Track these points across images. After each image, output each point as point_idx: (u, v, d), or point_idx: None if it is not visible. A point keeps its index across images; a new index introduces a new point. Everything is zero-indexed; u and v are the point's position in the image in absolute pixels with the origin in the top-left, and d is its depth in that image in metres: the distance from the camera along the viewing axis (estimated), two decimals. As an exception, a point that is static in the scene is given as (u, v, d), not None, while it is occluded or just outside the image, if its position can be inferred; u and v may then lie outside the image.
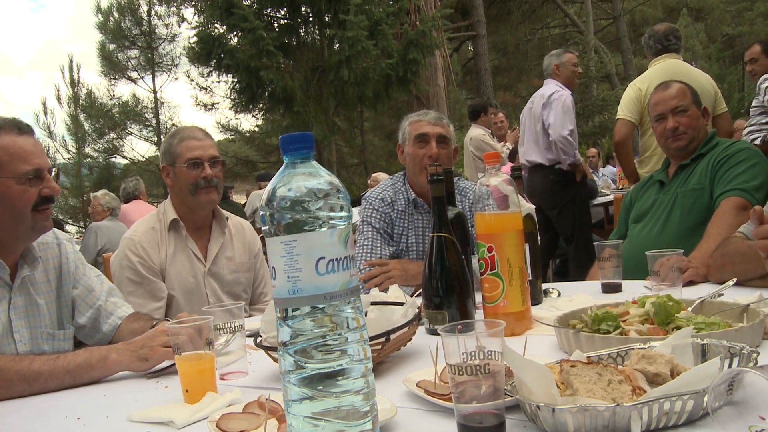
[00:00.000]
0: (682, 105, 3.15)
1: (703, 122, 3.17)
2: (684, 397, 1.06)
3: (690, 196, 2.98)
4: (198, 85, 19.87)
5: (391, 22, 12.09)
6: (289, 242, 0.97)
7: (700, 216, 2.92)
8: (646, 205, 3.21)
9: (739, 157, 2.91)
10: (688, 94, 3.19)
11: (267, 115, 15.91)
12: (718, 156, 2.98)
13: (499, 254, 1.83)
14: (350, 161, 20.98)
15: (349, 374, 0.97)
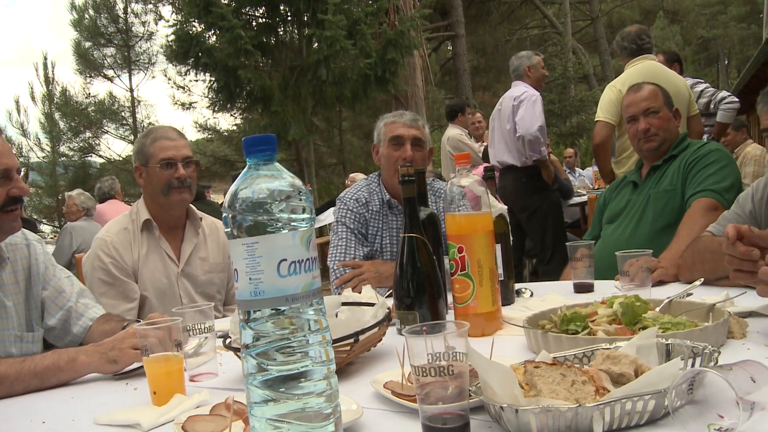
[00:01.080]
0: (654, 107, 3.18)
1: (674, 124, 3.20)
2: (645, 397, 1.07)
3: (662, 197, 3.01)
4: (175, 83, 19.73)
5: (370, 22, 12.09)
6: (251, 244, 0.97)
7: (672, 217, 2.95)
8: (619, 206, 3.23)
9: (709, 159, 2.94)
10: (659, 95, 3.21)
11: (245, 114, 15.86)
12: (690, 157, 3.00)
13: (469, 255, 1.84)
14: (329, 161, 20.95)
15: (311, 376, 0.97)
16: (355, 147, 20.97)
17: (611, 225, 3.21)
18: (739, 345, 1.57)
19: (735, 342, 1.60)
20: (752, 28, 35.32)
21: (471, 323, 1.84)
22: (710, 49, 42.55)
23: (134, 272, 2.90)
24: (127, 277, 2.88)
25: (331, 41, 11.20)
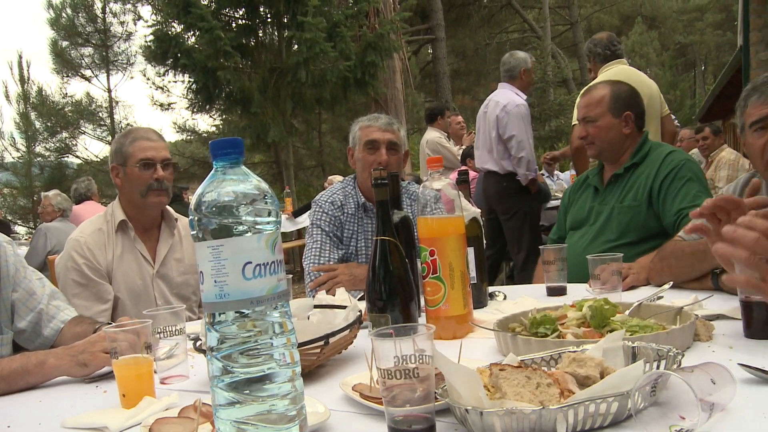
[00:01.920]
0: (590, 116, 3.13)
1: (618, 132, 3.10)
2: (609, 399, 1.08)
3: (627, 213, 2.96)
4: (154, 84, 19.63)
5: (350, 25, 12.10)
6: (216, 247, 0.97)
7: (635, 234, 2.92)
8: (582, 213, 3.19)
9: (685, 174, 2.88)
10: (605, 102, 3.13)
11: (224, 115, 15.80)
12: (660, 171, 2.93)
13: (440, 258, 1.85)
14: (308, 163, 20.93)
15: (276, 378, 0.98)
16: (334, 149, 20.95)
17: (576, 232, 3.20)
18: (705, 347, 1.60)
19: (701, 344, 1.62)
20: (728, 35, 35.79)
21: (442, 326, 1.88)
22: (687, 55, 43.03)
23: (108, 273, 2.88)
24: (100, 278, 2.86)
25: (311, 43, 11.21)
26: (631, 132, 3.11)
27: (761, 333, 1.62)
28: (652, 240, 2.86)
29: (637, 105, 3.16)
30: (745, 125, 2.27)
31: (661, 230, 2.91)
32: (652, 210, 2.93)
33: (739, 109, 2.31)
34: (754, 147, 2.24)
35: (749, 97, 2.24)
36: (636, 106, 3.14)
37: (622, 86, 3.21)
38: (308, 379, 1.62)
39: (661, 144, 3.18)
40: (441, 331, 1.89)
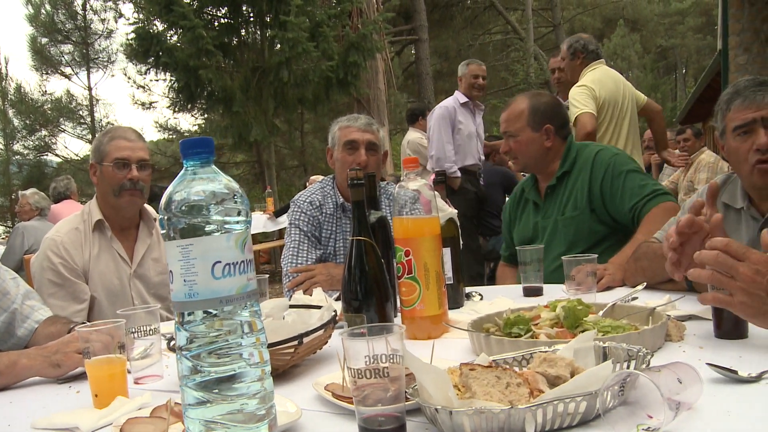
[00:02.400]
0: (510, 131, 3.10)
1: (539, 146, 3.07)
2: (577, 399, 1.09)
3: (570, 224, 2.94)
4: (135, 83, 19.52)
5: (333, 25, 12.10)
6: (186, 246, 0.97)
7: (586, 241, 2.91)
8: (528, 231, 3.15)
9: (619, 168, 2.88)
10: (524, 116, 3.08)
11: (206, 114, 15.74)
12: (595, 173, 2.91)
13: (416, 258, 1.86)
14: (290, 163, 20.89)
15: (244, 378, 0.98)
16: (316, 149, 20.93)
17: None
18: (676, 347, 1.62)
19: (672, 344, 1.64)
20: (708, 39, 36.11)
21: (417, 326, 1.89)
22: (669, 58, 43.38)
23: (85, 273, 2.86)
24: (77, 277, 2.84)
25: (293, 43, 11.20)
26: (554, 144, 3.06)
27: (731, 333, 1.64)
28: (603, 243, 2.88)
29: (557, 116, 3.10)
30: (726, 129, 2.29)
31: (611, 232, 2.91)
32: (596, 215, 2.91)
33: (720, 113, 2.33)
34: (737, 152, 2.25)
35: (732, 101, 2.25)
36: (556, 118, 3.09)
37: (541, 98, 3.16)
38: (282, 378, 1.63)
39: (586, 145, 3.13)
40: (416, 331, 1.90)
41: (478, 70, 6.53)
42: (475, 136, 6.54)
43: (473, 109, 6.61)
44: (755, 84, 2.22)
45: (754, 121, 2.19)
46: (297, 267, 2.89)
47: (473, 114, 6.58)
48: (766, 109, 2.18)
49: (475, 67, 6.53)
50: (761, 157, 2.18)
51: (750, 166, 2.22)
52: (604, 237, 2.92)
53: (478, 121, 6.65)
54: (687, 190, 7.85)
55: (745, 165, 2.24)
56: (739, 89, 2.25)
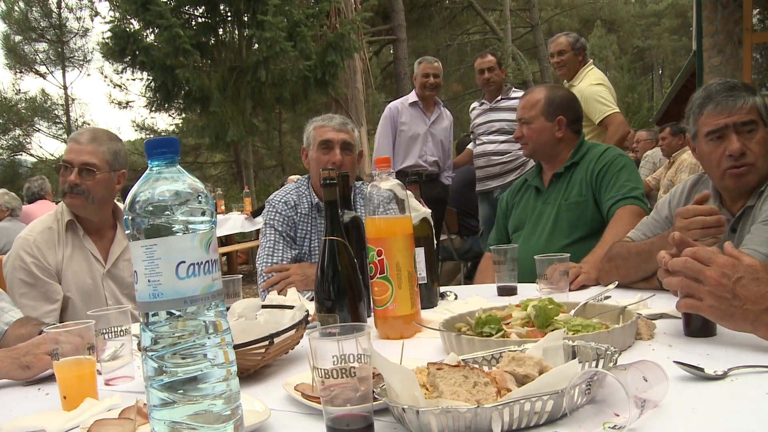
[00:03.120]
0: (525, 117, 3.22)
1: (550, 135, 3.19)
2: (544, 398, 1.10)
3: (574, 209, 3.04)
4: (112, 82, 19.34)
5: (311, 24, 12.07)
6: (150, 246, 0.96)
7: (587, 227, 3.01)
8: (525, 214, 3.25)
9: (618, 164, 3.01)
10: (539, 105, 3.21)
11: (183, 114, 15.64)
12: (596, 165, 3.05)
13: (388, 258, 1.86)
14: (268, 163, 20.80)
15: (209, 378, 0.97)
16: (294, 149, 20.86)
17: (520, 233, 3.23)
18: (646, 346, 1.63)
19: (642, 343, 1.66)
20: (683, 41, 36.50)
21: (390, 326, 1.89)
22: (645, 59, 43.76)
23: (58, 273, 2.83)
24: (49, 277, 2.81)
25: (271, 42, 11.16)
26: (564, 136, 3.18)
27: (699, 332, 1.66)
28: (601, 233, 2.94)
29: (571, 110, 3.22)
30: (698, 133, 2.33)
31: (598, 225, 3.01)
32: (597, 206, 3.03)
33: (692, 116, 2.36)
34: (709, 156, 2.30)
35: (704, 106, 2.29)
36: (570, 112, 3.21)
37: (558, 91, 3.29)
38: (253, 378, 1.62)
39: (598, 144, 3.27)
40: (388, 331, 1.90)
41: (429, 69, 6.22)
42: (423, 138, 6.22)
43: (423, 110, 6.28)
44: (726, 89, 2.25)
45: (726, 126, 2.23)
46: (272, 267, 2.88)
47: (424, 114, 6.26)
48: (737, 115, 2.22)
49: (426, 66, 6.24)
50: (734, 163, 2.23)
51: (722, 171, 2.27)
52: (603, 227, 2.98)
53: (434, 121, 6.31)
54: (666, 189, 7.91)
55: (717, 170, 2.29)
56: (710, 93, 2.28)
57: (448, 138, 6.46)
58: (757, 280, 1.46)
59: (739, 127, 2.22)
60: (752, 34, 10.65)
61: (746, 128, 2.22)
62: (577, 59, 5.57)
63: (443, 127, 6.37)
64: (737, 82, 2.30)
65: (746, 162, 2.22)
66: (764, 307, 1.43)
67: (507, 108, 5.86)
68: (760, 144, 2.22)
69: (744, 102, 2.22)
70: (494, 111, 5.97)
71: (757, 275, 1.46)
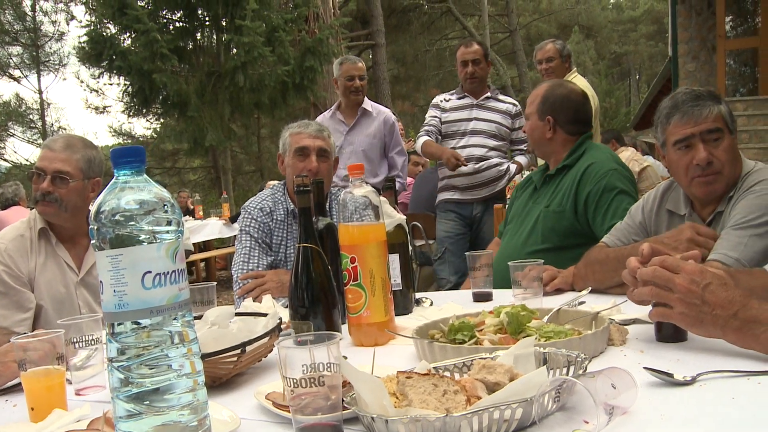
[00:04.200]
0: (525, 113, 3.27)
1: (541, 134, 3.15)
2: (513, 406, 1.10)
3: (551, 218, 2.98)
4: (88, 86, 19.20)
5: (289, 29, 12.09)
6: (115, 256, 0.95)
7: (559, 238, 2.95)
8: (518, 209, 3.23)
9: (612, 187, 2.90)
10: (536, 102, 3.17)
11: (161, 119, 15.56)
12: (586, 186, 2.93)
13: (361, 265, 1.85)
14: (247, 168, 20.72)
15: (175, 389, 0.97)
16: (273, 154, 20.78)
17: (509, 227, 3.22)
18: (618, 351, 1.64)
19: (614, 349, 1.67)
20: (659, 46, 36.87)
21: (364, 333, 1.89)
22: (622, 64, 44.20)
23: (30, 281, 2.79)
24: (22, 285, 2.77)
25: (249, 47, 11.16)
26: (555, 136, 3.11)
27: (671, 337, 1.67)
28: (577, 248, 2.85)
29: (565, 111, 3.11)
30: (667, 142, 2.36)
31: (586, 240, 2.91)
32: (576, 219, 2.95)
33: (660, 125, 2.39)
34: (677, 164, 2.33)
35: (671, 116, 2.32)
36: (561, 112, 3.11)
37: (558, 90, 3.19)
38: (225, 387, 1.61)
39: (596, 147, 3.16)
40: (362, 338, 1.90)
41: (354, 70, 5.31)
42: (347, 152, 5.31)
43: (342, 118, 5.41)
44: (693, 98, 2.29)
45: (693, 135, 2.27)
46: (247, 274, 2.86)
47: (342, 123, 5.39)
48: (704, 124, 2.26)
49: (350, 67, 5.31)
50: (701, 172, 2.27)
51: (690, 179, 2.31)
52: (579, 242, 2.91)
53: (353, 128, 5.39)
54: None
55: (686, 178, 2.33)
56: (677, 103, 2.31)
57: (379, 143, 5.43)
58: (725, 286, 1.48)
59: (706, 135, 2.26)
60: (725, 40, 10.81)
61: (712, 136, 2.26)
62: (564, 66, 5.62)
63: (368, 133, 5.37)
64: (702, 91, 2.34)
65: (713, 170, 2.26)
66: (732, 312, 1.45)
67: (496, 110, 5.22)
68: (726, 151, 2.27)
69: (709, 111, 2.26)
70: (481, 109, 5.21)
71: (725, 281, 1.49)
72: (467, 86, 5.27)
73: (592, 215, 2.91)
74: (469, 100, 5.25)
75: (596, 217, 2.90)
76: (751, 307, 1.45)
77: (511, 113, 5.23)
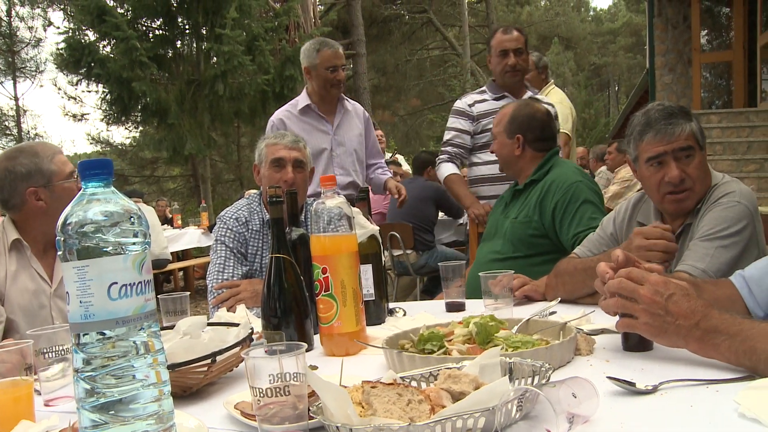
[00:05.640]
0: (493, 132, 3.38)
1: (510, 152, 3.26)
2: (476, 415, 1.12)
3: (519, 228, 3.10)
4: (66, 93, 19.03)
5: (269, 38, 12.10)
6: (82, 267, 0.97)
7: (525, 248, 3.08)
8: (491, 226, 3.36)
9: (578, 196, 3.00)
10: (504, 121, 3.30)
11: (140, 127, 15.48)
12: (553, 197, 3.03)
13: (332, 275, 1.87)
14: (226, 177, 20.62)
15: (141, 399, 0.98)
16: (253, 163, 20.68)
17: (484, 244, 3.32)
18: (584, 361, 1.66)
19: (581, 358, 1.69)
20: (638, 58, 37.30)
21: (335, 343, 1.90)
22: (602, 75, 44.63)
23: (0, 294, 2.77)
24: None
25: (229, 56, 11.15)
26: (523, 153, 3.24)
27: (637, 346, 1.70)
28: (543, 255, 3.01)
29: (533, 129, 3.24)
30: (639, 158, 2.40)
31: (552, 249, 3.04)
32: (544, 229, 3.06)
33: (632, 141, 2.43)
34: (649, 180, 2.38)
35: (644, 133, 2.36)
36: (531, 130, 3.23)
37: (524, 109, 3.32)
38: (196, 397, 1.62)
39: (562, 163, 3.26)
40: (334, 348, 1.91)
41: (336, 58, 4.30)
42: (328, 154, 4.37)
43: (322, 113, 4.38)
44: (665, 116, 2.33)
45: (666, 153, 2.31)
46: (222, 283, 2.86)
47: (323, 120, 4.39)
48: (677, 143, 2.30)
49: (331, 55, 4.27)
50: (673, 189, 2.32)
51: (662, 195, 2.36)
52: (545, 251, 3.04)
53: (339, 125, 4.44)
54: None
55: (657, 194, 2.38)
56: (650, 120, 2.35)
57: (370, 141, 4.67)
58: (688, 296, 1.51)
59: (678, 153, 2.30)
60: (701, 54, 10.96)
61: (684, 153, 2.31)
62: (540, 77, 5.67)
63: (357, 132, 4.53)
64: (675, 108, 2.38)
65: (685, 187, 2.30)
66: (694, 322, 1.48)
67: None
68: (697, 168, 2.31)
69: (682, 130, 2.30)
70: None
71: (687, 292, 1.52)
72: (507, 80, 4.27)
73: (559, 225, 3.02)
74: (510, 101, 4.15)
75: (562, 226, 3.01)
76: (712, 317, 1.48)
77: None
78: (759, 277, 1.84)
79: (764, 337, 1.40)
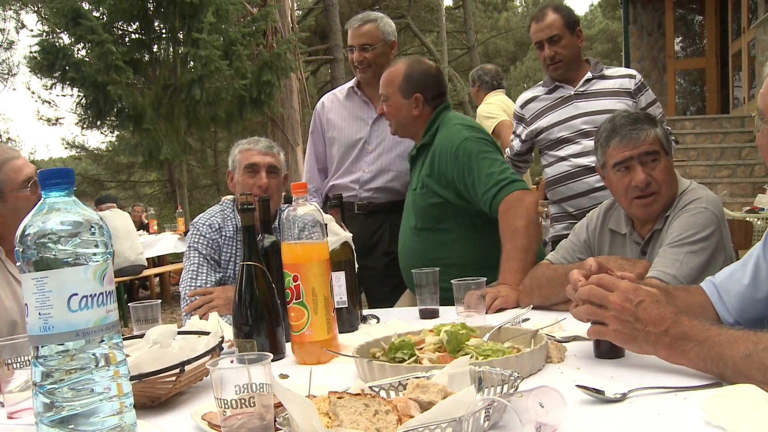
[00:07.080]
0: (383, 94, 3.10)
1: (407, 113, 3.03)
2: (443, 425, 1.11)
3: (420, 199, 2.98)
4: (40, 97, 18.84)
5: (247, 43, 12.04)
6: (41, 279, 0.95)
7: (431, 219, 2.96)
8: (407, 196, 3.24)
9: (466, 155, 2.83)
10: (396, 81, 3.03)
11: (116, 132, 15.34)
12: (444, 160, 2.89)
13: (303, 283, 1.86)
14: (203, 182, 20.52)
15: (100, 412, 0.96)
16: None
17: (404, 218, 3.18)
18: (555, 369, 1.66)
19: (552, 366, 1.69)
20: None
21: (306, 351, 1.89)
22: (578, 82, 44.97)
23: None
24: None
25: (206, 61, 11.08)
26: (422, 113, 3.03)
27: (608, 353, 1.70)
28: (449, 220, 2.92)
29: (431, 86, 3.04)
30: (606, 164, 2.44)
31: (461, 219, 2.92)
32: (446, 197, 2.91)
33: (600, 148, 2.47)
34: (617, 185, 2.41)
35: (611, 139, 2.40)
36: (429, 87, 3.03)
37: (418, 66, 3.08)
38: (164, 407, 1.60)
39: (447, 121, 3.01)
40: (305, 356, 1.90)
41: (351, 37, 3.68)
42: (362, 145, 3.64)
43: (366, 98, 3.71)
44: (631, 122, 2.39)
45: (632, 158, 2.36)
46: (195, 290, 2.84)
47: (367, 106, 3.69)
48: (642, 147, 2.35)
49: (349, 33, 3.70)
50: (640, 194, 2.35)
51: (629, 200, 2.40)
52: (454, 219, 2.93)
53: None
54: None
55: (625, 199, 2.41)
56: (616, 127, 2.40)
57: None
58: (657, 303, 1.52)
59: (644, 157, 2.35)
60: (675, 60, 11.10)
61: (650, 158, 2.36)
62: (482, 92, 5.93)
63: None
64: (640, 114, 2.45)
65: (651, 191, 2.35)
66: (664, 328, 1.49)
67: (607, 92, 3.67)
68: (663, 172, 2.35)
69: (647, 135, 2.35)
70: (585, 98, 3.66)
71: (657, 299, 1.54)
72: (552, 74, 3.79)
73: (466, 192, 2.85)
74: (564, 92, 3.72)
75: (470, 193, 2.84)
76: (682, 323, 1.49)
77: (630, 90, 3.69)
78: (728, 283, 1.86)
79: (731, 343, 1.41)
